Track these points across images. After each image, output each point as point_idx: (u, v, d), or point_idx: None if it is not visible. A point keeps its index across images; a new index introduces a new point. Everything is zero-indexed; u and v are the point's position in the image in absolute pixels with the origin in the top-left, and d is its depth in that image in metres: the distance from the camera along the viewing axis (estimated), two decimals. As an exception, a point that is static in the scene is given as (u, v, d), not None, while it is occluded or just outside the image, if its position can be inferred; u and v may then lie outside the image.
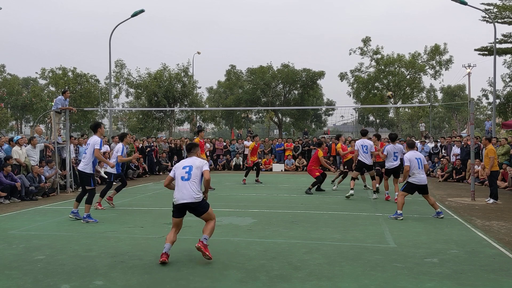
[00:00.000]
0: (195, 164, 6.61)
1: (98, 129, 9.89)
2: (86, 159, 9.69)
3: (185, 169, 6.57)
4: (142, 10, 25.54)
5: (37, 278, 5.66)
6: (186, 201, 6.38)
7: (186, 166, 6.60)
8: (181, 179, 6.49)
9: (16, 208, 11.69)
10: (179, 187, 6.47)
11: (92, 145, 9.65)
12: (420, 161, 9.94)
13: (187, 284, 5.43)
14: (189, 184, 6.43)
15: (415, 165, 9.85)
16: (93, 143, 9.66)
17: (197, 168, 6.56)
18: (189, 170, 6.53)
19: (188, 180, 6.46)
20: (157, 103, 37.88)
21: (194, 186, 6.45)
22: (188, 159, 6.77)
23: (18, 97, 49.94)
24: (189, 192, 6.39)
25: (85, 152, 9.82)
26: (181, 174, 6.54)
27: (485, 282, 5.50)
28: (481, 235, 8.19)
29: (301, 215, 10.26)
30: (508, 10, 30.65)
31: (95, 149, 9.58)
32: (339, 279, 5.60)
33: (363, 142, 13.34)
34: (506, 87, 38.62)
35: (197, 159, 6.75)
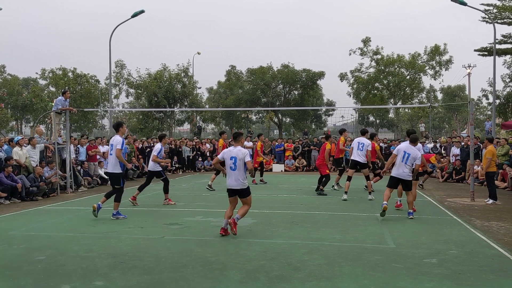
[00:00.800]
0: (238, 156, 7.99)
1: (120, 128, 10.00)
2: (113, 159, 9.84)
3: (232, 160, 8.03)
4: (142, 10, 25.57)
5: (38, 278, 5.68)
6: (234, 187, 8.04)
7: (232, 157, 8.03)
8: (230, 169, 8.03)
9: (17, 208, 11.71)
10: (229, 174, 8.06)
11: (114, 145, 9.79)
12: (407, 157, 9.91)
13: (187, 284, 5.45)
14: (236, 174, 7.98)
15: (400, 157, 9.99)
16: (115, 143, 9.80)
17: (240, 160, 7.97)
18: (234, 161, 8.00)
19: (234, 170, 7.97)
20: (157, 103, 37.90)
21: (240, 174, 7.98)
22: (233, 150, 8.12)
23: (18, 98, 49.95)
24: (237, 180, 7.99)
25: (111, 153, 9.95)
26: (229, 164, 8.05)
27: (484, 283, 5.52)
28: (480, 235, 8.21)
29: (301, 216, 10.27)
30: (508, 11, 30.66)
31: (116, 149, 9.70)
32: (339, 280, 5.62)
33: (360, 139, 13.11)
34: (506, 88, 38.64)
35: (240, 151, 8.08)
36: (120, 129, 9.99)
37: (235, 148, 8.13)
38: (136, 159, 20.71)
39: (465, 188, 15.96)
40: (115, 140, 9.86)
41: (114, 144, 9.81)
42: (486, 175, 13.00)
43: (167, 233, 8.38)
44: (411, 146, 10.14)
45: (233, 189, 8.08)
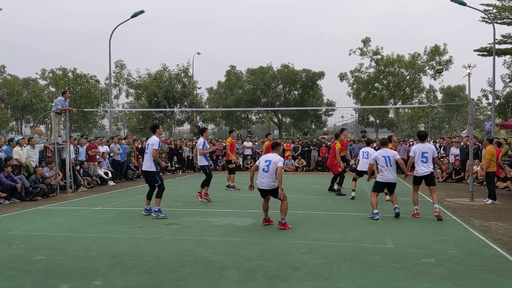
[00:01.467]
0: (273, 159, 8.64)
1: (156, 130, 10.52)
2: (148, 158, 10.22)
3: (266, 162, 8.66)
4: (142, 11, 25.59)
5: (37, 278, 5.69)
6: (264, 188, 8.66)
7: (267, 160, 8.68)
8: (262, 171, 8.64)
9: (16, 208, 11.72)
10: (260, 175, 8.69)
11: (151, 144, 10.19)
12: (388, 159, 10.13)
13: (186, 284, 5.46)
14: (268, 175, 8.59)
15: (382, 163, 10.15)
16: (152, 143, 10.21)
17: (274, 163, 8.58)
18: (268, 164, 8.62)
19: (267, 172, 8.59)
20: (157, 103, 37.92)
21: (271, 177, 8.57)
22: (270, 155, 8.81)
23: (18, 98, 49.97)
24: (268, 181, 8.62)
25: (146, 152, 10.34)
26: (262, 166, 8.68)
27: (482, 283, 5.53)
28: (479, 235, 8.22)
29: (300, 216, 10.28)
30: (507, 11, 30.68)
31: (153, 149, 10.12)
32: (337, 279, 5.63)
33: (365, 149, 13.43)
34: (506, 88, 38.70)
35: (276, 156, 8.70)
36: (156, 130, 10.50)
37: (271, 154, 8.86)
38: (135, 159, 20.71)
39: (464, 188, 15.97)
40: (152, 140, 10.29)
41: (151, 144, 10.22)
42: (486, 175, 13.02)
43: (166, 233, 8.40)
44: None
45: (261, 188, 8.74)
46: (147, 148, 10.36)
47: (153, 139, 10.30)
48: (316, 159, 25.82)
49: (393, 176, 10.29)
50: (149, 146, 10.25)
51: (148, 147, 10.29)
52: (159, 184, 10.28)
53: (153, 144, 10.20)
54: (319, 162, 25.71)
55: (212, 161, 25.86)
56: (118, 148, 19.24)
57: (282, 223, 8.65)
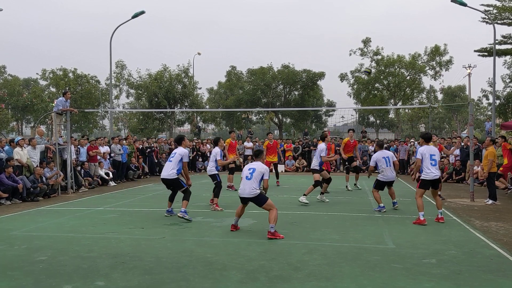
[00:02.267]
0: (258, 168, 8.36)
1: (182, 142, 10.35)
2: (171, 166, 9.99)
3: (249, 170, 8.36)
4: (142, 11, 25.62)
5: (39, 279, 5.72)
6: (245, 196, 8.28)
7: (251, 168, 8.39)
8: (245, 178, 8.31)
9: (18, 209, 11.75)
10: (242, 182, 8.34)
11: (179, 154, 10.03)
12: (388, 160, 10.99)
13: (187, 284, 5.48)
14: (250, 183, 8.23)
15: (383, 163, 10.95)
16: (181, 153, 10.05)
17: (259, 172, 8.31)
18: (252, 171, 8.30)
19: (250, 179, 8.25)
20: (158, 104, 37.93)
21: (253, 184, 8.22)
22: (254, 163, 8.53)
23: (19, 98, 49.97)
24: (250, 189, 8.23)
25: (170, 160, 10.17)
26: (245, 174, 8.36)
27: (483, 283, 5.55)
28: (480, 236, 8.25)
29: (301, 216, 10.31)
30: (508, 11, 30.67)
31: (184, 161, 10.06)
32: (338, 280, 5.66)
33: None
34: (506, 88, 38.69)
35: (260, 165, 8.45)
36: (182, 142, 10.33)
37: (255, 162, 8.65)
38: (136, 160, 20.74)
39: (465, 188, 15.99)
40: (180, 150, 10.11)
41: (179, 153, 10.06)
42: (487, 176, 13.05)
43: (167, 234, 8.42)
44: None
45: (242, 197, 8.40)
46: (172, 157, 10.14)
47: (183, 150, 10.13)
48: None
49: (393, 174, 11.20)
50: (176, 155, 10.06)
51: (175, 156, 10.08)
52: (185, 189, 10.11)
53: (181, 154, 10.03)
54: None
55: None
56: (119, 148, 19.27)
57: (271, 232, 8.01)
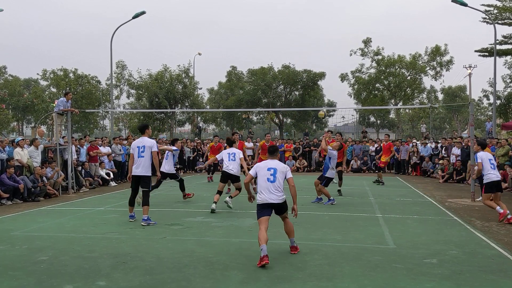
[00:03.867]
0: (278, 167, 6.94)
1: (146, 130, 9.83)
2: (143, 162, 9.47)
3: (269, 171, 6.88)
4: (143, 11, 25.64)
5: (41, 279, 5.72)
6: (274, 201, 6.78)
7: (271, 168, 6.91)
8: (268, 181, 6.81)
9: (19, 209, 11.76)
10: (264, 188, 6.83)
11: (149, 147, 9.45)
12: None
13: (189, 284, 5.49)
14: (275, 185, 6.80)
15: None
16: (149, 145, 9.48)
17: (281, 172, 6.92)
18: (274, 172, 6.86)
19: (273, 182, 6.81)
20: (158, 104, 37.96)
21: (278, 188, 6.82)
22: (270, 162, 7.06)
23: (20, 98, 50.04)
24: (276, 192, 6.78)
25: (142, 156, 9.53)
26: (265, 175, 6.85)
27: (484, 283, 5.55)
28: (481, 236, 8.24)
29: (302, 216, 10.26)
30: (508, 11, 30.67)
31: (153, 151, 9.48)
32: (339, 280, 5.66)
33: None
34: (506, 88, 38.68)
35: (280, 164, 7.07)
36: (146, 130, 9.82)
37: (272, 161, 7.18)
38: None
39: (465, 188, 15.98)
40: (148, 142, 9.56)
41: (148, 146, 9.47)
42: None
43: (168, 234, 8.43)
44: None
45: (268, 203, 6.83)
46: (142, 151, 9.40)
47: (149, 141, 9.55)
48: (317, 159, 25.84)
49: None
50: (146, 149, 9.40)
51: (144, 150, 9.40)
52: (147, 190, 9.53)
53: (151, 147, 9.44)
54: (320, 163, 25.71)
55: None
56: (119, 149, 19.28)
57: (294, 246, 7.13)
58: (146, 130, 9.83)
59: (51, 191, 14.11)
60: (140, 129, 10.03)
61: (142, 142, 9.55)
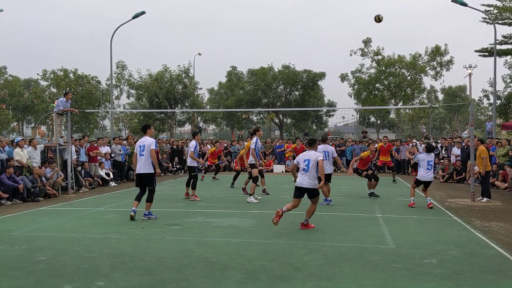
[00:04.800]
0: (312, 158, 8.66)
1: (147, 130, 10.25)
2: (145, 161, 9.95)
3: (305, 162, 8.66)
4: (143, 12, 25.64)
5: (40, 279, 5.71)
6: (305, 186, 8.64)
7: (306, 160, 8.66)
8: (303, 170, 8.66)
9: (18, 209, 11.75)
10: (300, 175, 8.72)
11: (148, 146, 9.89)
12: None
13: (188, 285, 5.48)
14: (308, 174, 8.61)
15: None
16: (148, 144, 9.92)
17: (313, 160, 8.63)
18: (307, 163, 8.61)
19: (307, 171, 8.59)
20: (158, 104, 37.95)
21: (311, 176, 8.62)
22: (307, 153, 8.86)
23: (20, 99, 50.00)
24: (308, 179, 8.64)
25: (142, 154, 10.01)
26: (302, 166, 8.69)
27: (483, 283, 5.54)
28: (480, 236, 8.23)
29: (302, 216, 10.27)
30: (508, 11, 30.66)
31: (151, 149, 9.89)
32: (339, 280, 5.65)
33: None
34: (507, 88, 38.69)
35: (315, 153, 8.79)
36: (148, 130, 10.22)
37: (309, 152, 8.91)
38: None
39: (465, 188, 15.96)
40: (147, 141, 9.99)
41: (147, 145, 9.91)
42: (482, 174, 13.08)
43: (168, 234, 8.42)
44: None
45: (301, 187, 8.68)
46: (142, 150, 9.86)
47: (149, 140, 9.95)
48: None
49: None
50: (145, 148, 9.82)
51: (144, 148, 9.84)
52: (152, 188, 10.06)
53: (150, 145, 9.83)
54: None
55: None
56: (119, 149, 19.28)
57: (304, 224, 8.86)
58: (148, 130, 10.25)
59: (51, 191, 14.10)
60: (143, 129, 10.50)
61: (143, 141, 10.04)
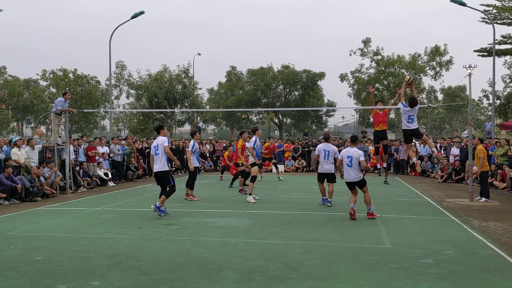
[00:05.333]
0: (354, 155, 9.85)
1: (161, 130, 10.65)
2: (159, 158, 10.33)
3: (348, 158, 9.88)
4: (142, 11, 25.64)
5: (35, 279, 5.70)
6: (351, 180, 9.90)
7: (349, 156, 9.88)
8: (347, 166, 9.91)
9: (16, 209, 11.73)
10: (346, 170, 9.96)
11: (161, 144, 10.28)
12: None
13: (183, 285, 5.46)
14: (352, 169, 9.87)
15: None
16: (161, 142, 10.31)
17: (355, 158, 9.82)
18: (350, 160, 9.84)
19: (351, 166, 9.84)
20: (158, 104, 37.91)
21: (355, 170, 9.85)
22: (350, 149, 10.01)
23: (19, 99, 49.95)
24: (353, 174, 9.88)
25: (157, 153, 10.37)
26: (346, 162, 9.92)
27: (480, 283, 5.53)
28: (478, 236, 8.21)
29: (299, 216, 10.28)
30: (507, 11, 30.64)
31: (165, 145, 10.28)
32: (335, 280, 5.63)
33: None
34: (506, 88, 38.63)
35: (355, 151, 9.90)
36: (161, 131, 10.64)
37: (351, 148, 10.04)
38: (135, 160, 20.73)
39: (464, 188, 15.95)
40: (160, 139, 10.38)
41: (160, 143, 10.29)
42: (480, 174, 13.07)
43: (164, 234, 8.40)
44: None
45: (349, 181, 9.97)
46: (157, 149, 10.32)
47: (162, 139, 10.38)
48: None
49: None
50: (159, 146, 10.28)
51: (158, 147, 10.29)
52: (171, 185, 10.33)
53: (163, 142, 10.28)
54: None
55: (212, 161, 25.90)
56: (118, 149, 19.27)
57: (370, 213, 9.83)
58: (161, 130, 10.68)
59: (49, 190, 14.08)
60: (156, 129, 10.99)
61: (157, 141, 10.49)
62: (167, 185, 10.39)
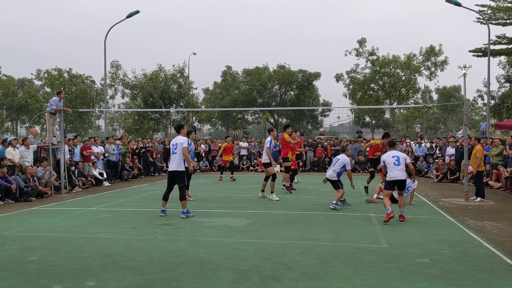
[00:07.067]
0: (400, 155, 9.78)
1: (181, 130, 10.57)
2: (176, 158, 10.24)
3: (393, 158, 9.66)
4: (137, 11, 25.58)
5: (29, 279, 5.65)
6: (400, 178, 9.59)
7: (395, 156, 9.71)
8: (393, 164, 9.60)
9: (10, 209, 11.65)
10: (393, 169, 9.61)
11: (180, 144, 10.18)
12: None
13: (179, 284, 5.44)
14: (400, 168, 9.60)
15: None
16: (180, 142, 10.24)
17: (402, 158, 9.73)
18: (397, 159, 9.64)
19: (398, 165, 9.58)
20: (153, 104, 37.86)
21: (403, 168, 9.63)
22: (394, 152, 9.93)
23: (14, 98, 49.76)
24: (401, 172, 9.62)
25: (175, 152, 10.30)
26: (392, 161, 9.63)
27: (476, 282, 5.53)
28: (473, 235, 8.23)
29: (296, 216, 10.27)
30: (502, 12, 30.79)
31: (184, 147, 10.18)
32: (331, 279, 5.62)
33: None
34: (501, 88, 38.83)
35: (401, 153, 9.95)
36: (181, 130, 10.56)
37: (395, 150, 10.07)
38: (130, 160, 20.66)
39: (459, 188, 15.99)
40: (180, 139, 10.31)
41: (180, 143, 10.22)
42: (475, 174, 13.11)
43: (160, 234, 8.37)
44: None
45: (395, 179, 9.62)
46: (175, 148, 10.22)
47: (181, 139, 10.28)
48: (311, 159, 25.87)
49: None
50: (178, 146, 10.16)
51: (177, 146, 10.17)
52: (182, 186, 10.20)
53: (182, 143, 10.16)
54: (315, 163, 25.78)
55: (208, 161, 25.85)
56: (113, 148, 19.20)
57: (403, 216, 9.61)
58: (181, 130, 10.57)
59: (43, 190, 14.01)
60: (176, 128, 10.85)
61: (176, 140, 10.41)
62: (179, 184, 10.19)
